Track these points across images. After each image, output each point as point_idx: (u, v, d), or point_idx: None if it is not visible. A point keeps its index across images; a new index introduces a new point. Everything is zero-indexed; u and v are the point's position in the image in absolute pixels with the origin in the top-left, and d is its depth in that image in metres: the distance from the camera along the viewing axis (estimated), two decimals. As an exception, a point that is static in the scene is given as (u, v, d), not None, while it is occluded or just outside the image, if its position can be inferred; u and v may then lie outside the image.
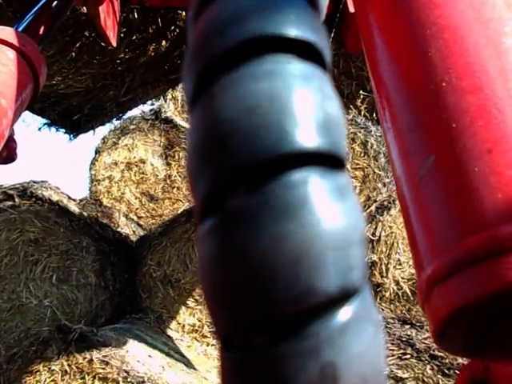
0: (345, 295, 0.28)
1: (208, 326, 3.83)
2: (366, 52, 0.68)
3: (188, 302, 4.04)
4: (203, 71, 0.32)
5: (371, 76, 0.67)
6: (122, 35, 2.70)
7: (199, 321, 3.98)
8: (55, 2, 1.33)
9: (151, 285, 4.03)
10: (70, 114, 3.16)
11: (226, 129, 0.29)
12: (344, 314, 0.28)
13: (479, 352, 0.49)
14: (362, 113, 3.01)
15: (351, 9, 2.10)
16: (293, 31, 0.32)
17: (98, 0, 1.66)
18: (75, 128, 3.25)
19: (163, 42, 2.82)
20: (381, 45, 0.64)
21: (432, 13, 0.59)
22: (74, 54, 2.76)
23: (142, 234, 4.68)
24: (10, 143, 1.12)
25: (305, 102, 0.30)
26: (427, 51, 0.58)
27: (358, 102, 3.00)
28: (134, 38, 2.78)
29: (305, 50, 0.32)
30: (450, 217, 0.52)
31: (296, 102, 0.30)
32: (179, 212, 4.37)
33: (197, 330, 3.94)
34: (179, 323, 3.96)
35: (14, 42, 1.04)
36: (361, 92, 2.94)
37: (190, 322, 3.97)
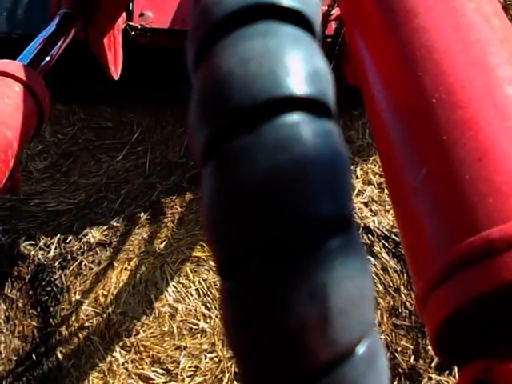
0: (335, 221, 0.31)
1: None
2: (359, 76, 0.71)
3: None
4: (202, 39, 0.35)
5: (365, 100, 0.70)
6: (119, 145, 2.59)
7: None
8: (58, 35, 1.39)
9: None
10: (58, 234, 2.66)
11: (224, 79, 0.33)
12: (334, 240, 0.31)
13: (478, 356, 0.47)
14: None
15: None
16: (285, 1, 0.35)
17: (100, 33, 1.72)
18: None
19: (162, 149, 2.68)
20: (372, 68, 0.67)
21: (421, 36, 0.62)
22: (67, 167, 2.60)
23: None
24: (15, 174, 1.14)
25: (295, 56, 0.34)
26: (417, 71, 0.61)
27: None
28: (133, 148, 2.67)
29: (296, 19, 0.36)
30: (442, 224, 0.52)
31: (287, 56, 0.34)
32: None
33: None
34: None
35: (21, 75, 1.09)
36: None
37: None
